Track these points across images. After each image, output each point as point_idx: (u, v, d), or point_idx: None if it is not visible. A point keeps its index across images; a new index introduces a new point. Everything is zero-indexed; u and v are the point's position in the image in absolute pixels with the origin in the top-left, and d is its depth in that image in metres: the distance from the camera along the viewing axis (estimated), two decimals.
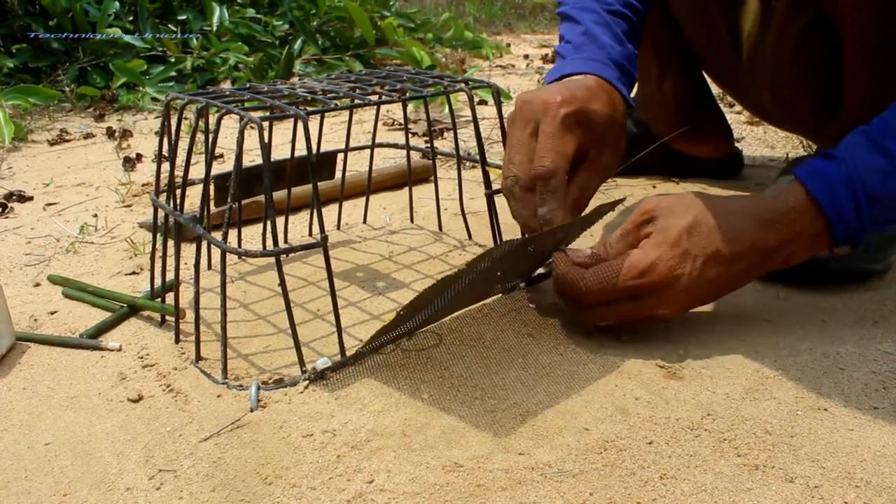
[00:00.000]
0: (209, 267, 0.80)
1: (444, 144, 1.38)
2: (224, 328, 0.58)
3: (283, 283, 0.57)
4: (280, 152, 1.24)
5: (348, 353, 0.60)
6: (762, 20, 0.81)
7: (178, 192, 0.64)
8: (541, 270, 0.74)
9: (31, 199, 1.10)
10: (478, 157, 0.75)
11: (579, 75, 0.72)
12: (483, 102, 1.71)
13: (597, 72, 0.72)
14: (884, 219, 0.59)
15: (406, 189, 0.97)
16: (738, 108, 1.63)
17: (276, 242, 0.56)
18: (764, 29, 0.81)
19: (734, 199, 0.61)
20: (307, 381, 0.57)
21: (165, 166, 0.66)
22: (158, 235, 0.71)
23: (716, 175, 1.09)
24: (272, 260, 0.80)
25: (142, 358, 0.63)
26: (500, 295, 0.72)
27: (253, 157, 1.25)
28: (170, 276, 0.70)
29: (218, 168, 1.22)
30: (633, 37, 0.80)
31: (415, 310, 0.58)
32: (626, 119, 0.73)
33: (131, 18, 2.00)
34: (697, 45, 0.97)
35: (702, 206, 0.60)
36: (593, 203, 0.69)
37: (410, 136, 1.28)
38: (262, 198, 0.91)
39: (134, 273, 0.81)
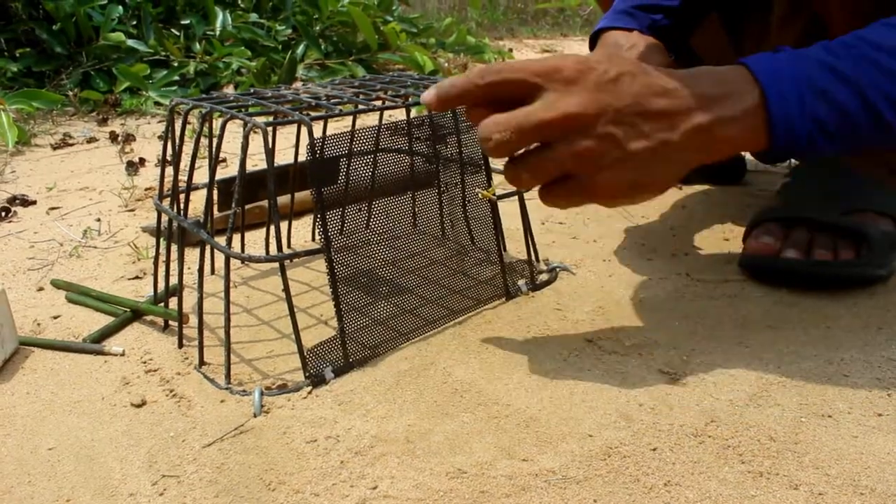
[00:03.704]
0: (212, 272, 0.80)
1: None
2: (227, 333, 0.58)
3: (286, 288, 0.57)
4: (283, 157, 1.24)
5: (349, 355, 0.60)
6: (761, 26, 0.81)
7: (182, 196, 0.64)
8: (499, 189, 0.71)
9: (34, 203, 1.10)
10: (481, 163, 0.75)
11: None
12: None
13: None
14: (829, 129, 0.51)
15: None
16: None
17: (279, 247, 0.56)
18: (762, 35, 0.81)
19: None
20: (310, 387, 0.57)
21: (169, 171, 0.66)
22: (162, 240, 0.71)
23: (718, 180, 1.10)
24: (276, 265, 0.80)
25: (145, 363, 0.63)
26: (503, 300, 0.72)
27: (256, 162, 1.25)
28: (173, 280, 0.70)
29: (221, 173, 1.22)
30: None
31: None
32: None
33: (135, 23, 2.01)
34: (700, 49, 0.97)
35: (616, 65, 0.50)
36: None
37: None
38: (265, 203, 0.91)
39: (137, 277, 0.81)
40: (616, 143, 0.49)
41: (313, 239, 0.90)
